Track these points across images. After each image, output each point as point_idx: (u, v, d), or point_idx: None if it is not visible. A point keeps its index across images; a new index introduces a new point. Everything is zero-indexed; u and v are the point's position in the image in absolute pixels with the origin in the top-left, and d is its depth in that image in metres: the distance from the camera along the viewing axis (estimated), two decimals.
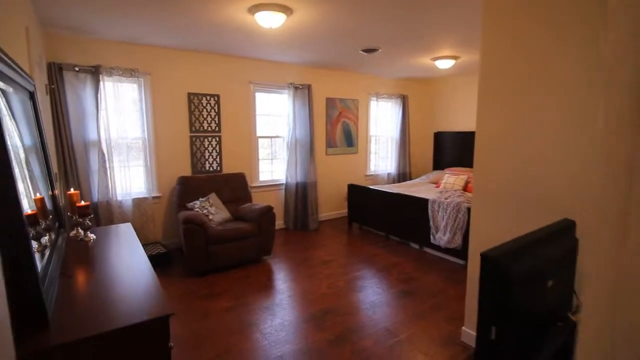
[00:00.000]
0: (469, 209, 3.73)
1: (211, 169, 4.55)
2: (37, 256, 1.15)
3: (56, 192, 1.92)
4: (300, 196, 5.24)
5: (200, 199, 4.00)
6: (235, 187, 4.39)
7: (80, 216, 1.99)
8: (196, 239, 3.47)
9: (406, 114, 6.39)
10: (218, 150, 4.57)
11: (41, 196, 1.51)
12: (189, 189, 4.09)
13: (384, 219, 4.80)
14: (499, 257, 1.05)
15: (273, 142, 5.29)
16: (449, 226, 3.84)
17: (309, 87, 5.06)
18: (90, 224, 2.03)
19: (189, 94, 4.28)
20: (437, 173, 6.20)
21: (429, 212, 4.09)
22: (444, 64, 4.63)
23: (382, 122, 6.37)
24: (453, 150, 6.31)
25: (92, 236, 2.01)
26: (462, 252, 3.79)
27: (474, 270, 2.29)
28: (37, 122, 1.71)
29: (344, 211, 6.05)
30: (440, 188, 5.29)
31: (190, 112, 4.32)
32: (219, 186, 4.29)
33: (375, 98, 6.13)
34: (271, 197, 5.17)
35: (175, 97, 4.21)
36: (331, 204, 5.90)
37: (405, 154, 6.48)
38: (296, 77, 5.14)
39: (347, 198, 5.40)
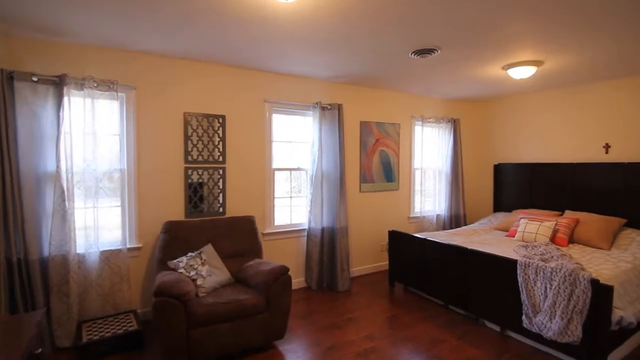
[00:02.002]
0: (593, 282, 2.37)
1: (211, 210, 3.48)
2: None
3: None
4: (327, 245, 4.03)
5: (190, 253, 2.89)
6: (240, 236, 3.27)
7: None
8: (172, 319, 2.32)
9: (458, 141, 5.17)
10: (221, 187, 3.52)
11: None
12: (177, 238, 3.00)
13: (441, 282, 3.47)
14: None
15: (293, 176, 4.20)
16: (559, 307, 2.47)
17: (339, 107, 4.01)
18: None
19: (186, 115, 3.32)
20: (503, 216, 4.82)
21: (520, 280, 2.75)
22: (521, 73, 3.45)
23: (429, 152, 5.16)
24: (519, 186, 4.94)
25: None
26: (581, 350, 2.39)
27: None
28: None
29: (383, 264, 4.74)
30: (516, 237, 3.92)
31: (187, 137, 3.33)
32: (219, 235, 3.19)
33: (420, 122, 4.99)
34: (289, 247, 3.99)
35: (168, 117, 3.26)
36: (366, 255, 4.63)
37: (459, 191, 5.18)
38: (324, 95, 4.12)
39: (388, 249, 4.13)
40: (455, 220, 5.19)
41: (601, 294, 2.33)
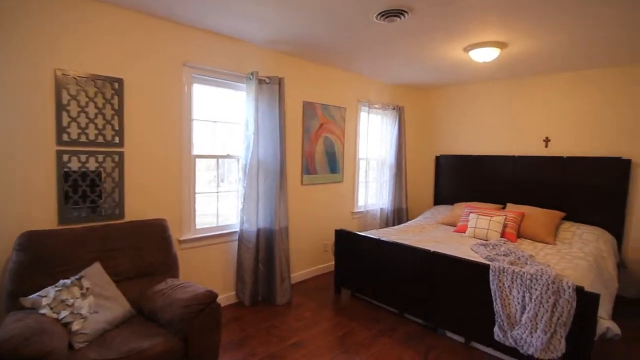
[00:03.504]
0: (578, 290, 2.10)
1: (101, 213, 2.48)
2: None
3: None
4: (264, 251, 3.31)
5: (63, 281, 1.92)
6: (145, 248, 2.36)
7: None
8: None
9: (402, 131, 4.83)
10: (116, 179, 2.53)
11: None
12: (42, 259, 1.99)
13: (396, 287, 3.03)
14: None
15: (222, 166, 3.36)
16: (541, 320, 2.17)
17: (280, 81, 3.26)
18: None
19: (58, 74, 2.25)
20: (445, 209, 4.64)
21: (493, 288, 2.40)
22: (484, 55, 3.13)
23: (373, 141, 4.73)
24: (461, 179, 4.82)
25: None
26: None
27: None
28: None
29: (325, 266, 4.20)
30: (467, 234, 3.69)
31: (60, 108, 2.27)
32: (113, 248, 2.24)
33: (366, 107, 4.50)
34: (215, 255, 3.17)
35: (27, 76, 2.15)
36: (308, 258, 4.02)
37: (402, 184, 4.87)
38: (261, 65, 3.32)
39: (334, 251, 3.57)
40: (398, 214, 4.88)
41: (586, 303, 2.08)
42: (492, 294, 2.41)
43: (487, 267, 2.47)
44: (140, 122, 2.62)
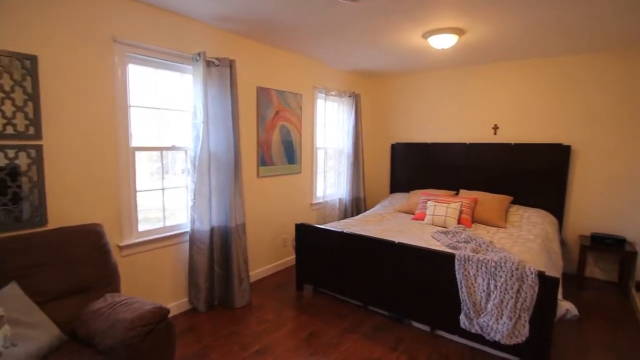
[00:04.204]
0: (539, 275, 2.16)
1: (16, 220, 2.04)
2: None
3: None
4: (219, 251, 3.03)
5: None
6: (77, 260, 1.98)
7: None
8: None
9: (359, 119, 4.74)
10: (35, 178, 2.09)
11: None
12: None
13: (360, 280, 2.95)
14: None
15: (167, 159, 2.99)
16: (506, 306, 2.20)
17: (231, 64, 2.95)
18: None
19: None
20: (402, 197, 4.68)
21: (459, 277, 2.41)
22: (442, 42, 3.09)
23: (331, 130, 4.59)
24: (416, 166, 4.88)
25: None
26: (525, 348, 2.19)
27: None
28: None
29: (284, 261, 4.02)
30: (425, 221, 3.73)
31: None
32: (34, 263, 1.84)
33: (323, 94, 4.32)
34: (163, 260, 2.83)
35: None
36: (266, 254, 3.80)
37: (359, 173, 4.82)
38: (209, 45, 2.98)
39: (295, 246, 3.40)
40: (356, 203, 4.83)
41: (547, 287, 2.14)
42: (458, 283, 2.41)
43: (452, 256, 2.47)
44: (64, 109, 2.19)
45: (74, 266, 1.95)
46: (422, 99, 4.83)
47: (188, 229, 2.91)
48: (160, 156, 2.86)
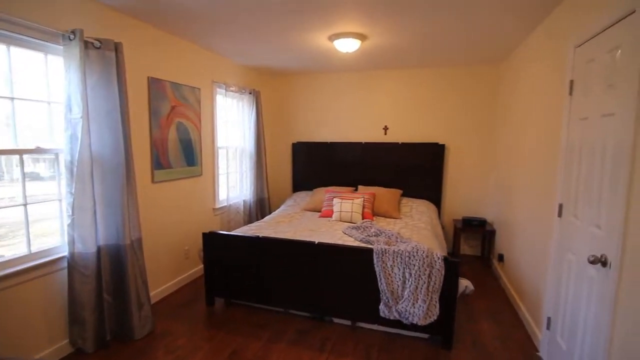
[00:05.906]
0: (446, 260, 2.46)
1: None
2: None
3: None
4: (110, 275, 2.50)
5: None
6: None
7: None
8: None
9: (260, 117, 4.59)
10: None
11: None
12: None
13: (278, 285, 2.86)
14: None
15: (30, 165, 2.28)
16: (421, 291, 2.43)
17: (116, 47, 2.43)
18: None
19: None
20: (306, 195, 4.75)
21: (377, 269, 2.55)
22: (347, 46, 3.22)
23: (232, 128, 4.30)
24: (317, 165, 5.01)
25: None
26: (439, 327, 2.47)
27: None
28: None
29: (188, 274, 3.61)
30: (333, 218, 3.86)
31: None
32: None
33: (223, 90, 4.00)
34: (29, 298, 2.16)
35: None
36: (166, 270, 3.33)
37: (262, 173, 4.67)
38: (89, 23, 2.39)
39: (203, 258, 3.07)
40: (261, 204, 4.68)
41: (450, 269, 2.46)
42: (377, 275, 2.56)
43: (370, 250, 2.60)
44: None
45: None
46: (323, 100, 4.96)
47: (65, 253, 2.30)
48: (19, 163, 2.17)
